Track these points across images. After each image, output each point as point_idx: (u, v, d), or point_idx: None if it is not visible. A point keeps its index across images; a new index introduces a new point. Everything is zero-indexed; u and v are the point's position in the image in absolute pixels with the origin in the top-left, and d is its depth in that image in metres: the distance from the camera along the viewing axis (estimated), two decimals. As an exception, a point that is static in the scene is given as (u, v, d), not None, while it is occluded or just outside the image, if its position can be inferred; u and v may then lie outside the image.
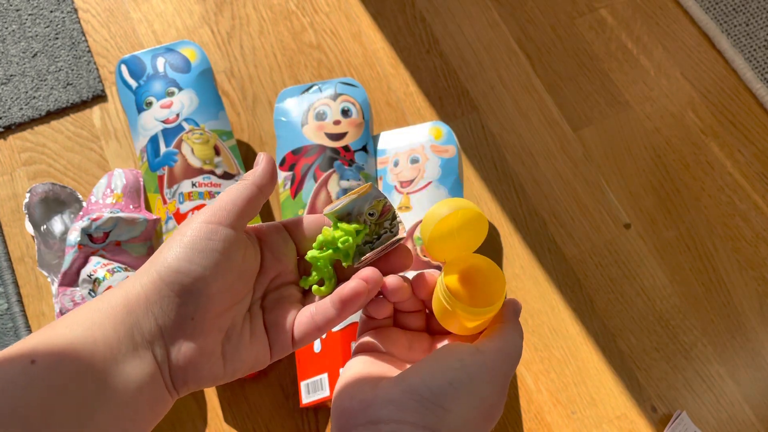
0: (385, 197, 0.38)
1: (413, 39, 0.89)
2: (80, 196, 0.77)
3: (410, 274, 0.39)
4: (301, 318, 0.37)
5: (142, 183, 0.75)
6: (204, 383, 0.35)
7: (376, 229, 0.38)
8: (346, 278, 0.37)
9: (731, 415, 0.72)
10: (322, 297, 0.37)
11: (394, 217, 0.38)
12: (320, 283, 0.38)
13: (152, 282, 0.34)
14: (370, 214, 0.38)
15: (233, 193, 0.36)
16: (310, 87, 0.76)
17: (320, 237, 0.37)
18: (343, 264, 0.38)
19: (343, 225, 0.38)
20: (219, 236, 0.34)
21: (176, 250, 0.34)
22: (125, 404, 0.32)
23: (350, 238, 0.37)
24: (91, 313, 0.33)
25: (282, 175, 0.73)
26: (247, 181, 0.37)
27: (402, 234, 0.38)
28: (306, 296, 0.39)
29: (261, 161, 0.38)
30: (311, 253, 0.37)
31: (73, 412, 0.30)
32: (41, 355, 0.31)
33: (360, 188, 0.38)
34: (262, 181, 0.37)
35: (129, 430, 0.32)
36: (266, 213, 0.79)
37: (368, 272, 0.36)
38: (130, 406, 0.32)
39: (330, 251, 0.37)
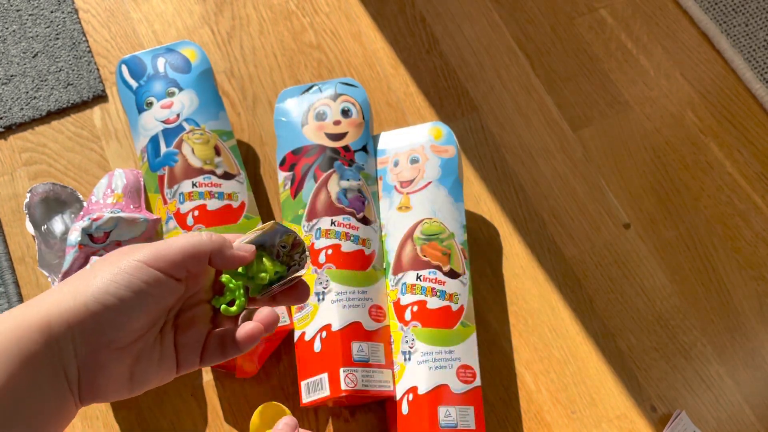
0: (294, 233, 0.40)
1: (413, 39, 0.89)
2: (81, 196, 0.77)
3: None
4: (211, 342, 0.39)
5: (142, 183, 0.75)
6: (107, 400, 0.36)
7: (286, 260, 0.41)
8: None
9: (731, 415, 0.72)
10: (230, 316, 0.40)
11: (304, 250, 0.41)
12: (230, 303, 0.40)
13: (76, 308, 0.33)
14: (282, 246, 0.40)
15: (184, 242, 0.36)
16: (310, 87, 0.76)
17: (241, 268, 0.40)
18: (250, 293, 0.40)
19: (267, 263, 0.40)
20: (149, 277, 0.34)
21: (105, 281, 0.34)
22: (37, 421, 0.32)
23: (267, 276, 0.39)
24: (15, 330, 0.32)
25: (282, 175, 0.73)
26: (216, 237, 0.37)
27: (304, 270, 0.41)
28: (216, 314, 0.40)
29: (243, 239, 0.39)
30: (226, 277, 0.39)
31: None
32: None
33: (265, 225, 0.40)
34: (222, 243, 0.38)
35: None
36: (267, 213, 0.79)
37: (265, 314, 0.39)
38: (41, 421, 0.33)
39: (243, 278, 0.40)
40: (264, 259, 0.40)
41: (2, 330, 0.32)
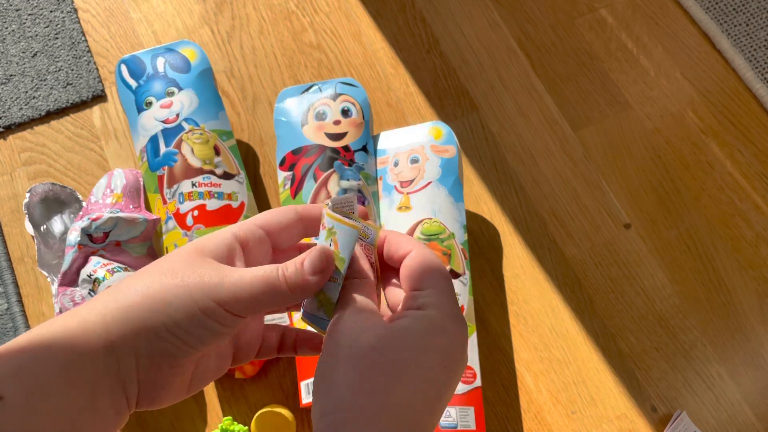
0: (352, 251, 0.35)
1: (413, 39, 0.89)
2: (80, 196, 0.77)
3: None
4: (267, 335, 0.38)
5: (142, 183, 0.75)
6: (162, 407, 0.35)
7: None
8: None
9: (731, 415, 0.72)
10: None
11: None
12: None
13: (146, 334, 0.32)
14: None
15: (261, 287, 0.33)
16: (310, 87, 0.76)
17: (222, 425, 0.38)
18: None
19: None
20: (224, 320, 0.33)
21: (180, 314, 0.32)
22: None
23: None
24: (73, 349, 0.31)
25: (282, 175, 0.73)
26: (291, 276, 0.34)
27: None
28: None
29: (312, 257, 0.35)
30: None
31: None
32: (10, 390, 0.29)
33: (363, 223, 0.35)
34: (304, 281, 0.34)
35: None
36: (266, 213, 0.79)
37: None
38: None
39: None
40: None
41: (59, 346, 0.31)
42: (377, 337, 0.32)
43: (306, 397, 0.66)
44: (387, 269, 0.37)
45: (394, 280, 0.37)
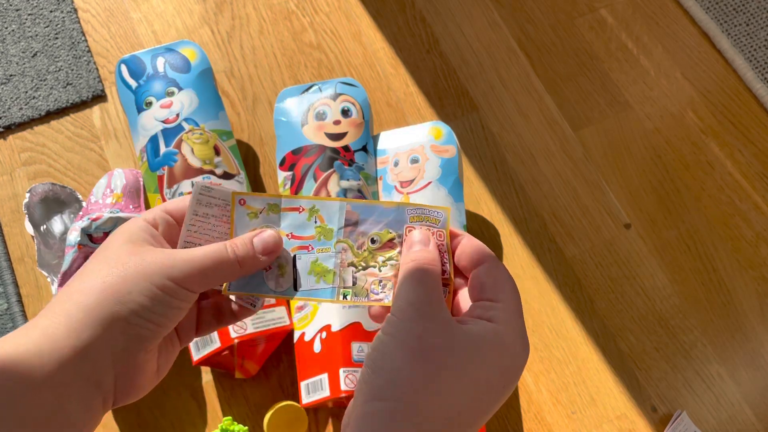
0: (399, 236, 0.36)
1: (413, 39, 0.89)
2: (80, 196, 0.77)
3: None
4: (203, 314, 0.40)
5: (142, 183, 0.75)
6: (138, 397, 0.37)
7: (368, 257, 0.37)
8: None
9: (731, 415, 0.72)
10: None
11: (391, 258, 0.37)
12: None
13: (118, 323, 0.34)
14: (372, 240, 0.37)
15: (212, 261, 0.36)
16: (310, 87, 0.76)
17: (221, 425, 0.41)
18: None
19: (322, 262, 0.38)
20: (182, 296, 0.36)
21: (143, 298, 0.34)
22: None
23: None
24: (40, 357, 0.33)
25: (282, 175, 0.73)
26: (240, 250, 0.37)
27: (384, 302, 0.37)
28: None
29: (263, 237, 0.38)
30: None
31: None
32: None
33: (390, 203, 0.36)
34: (242, 253, 0.37)
35: None
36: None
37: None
38: None
39: None
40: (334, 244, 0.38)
41: (25, 357, 0.32)
42: (446, 337, 0.33)
43: (306, 397, 0.66)
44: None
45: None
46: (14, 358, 0.32)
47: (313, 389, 0.65)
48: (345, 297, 0.37)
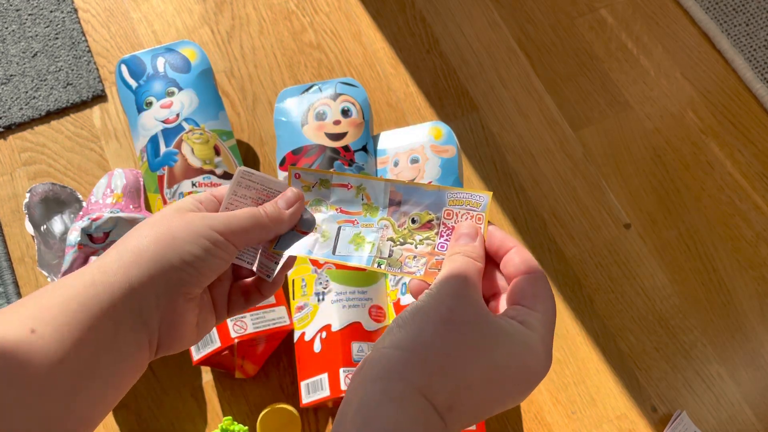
0: (438, 218, 0.39)
1: (413, 39, 0.89)
2: (80, 196, 0.77)
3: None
4: (234, 294, 0.43)
5: (142, 183, 0.75)
6: (180, 349, 0.40)
7: (407, 234, 0.39)
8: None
9: (731, 415, 0.72)
10: (248, 270, 0.44)
11: (428, 237, 0.39)
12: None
13: (162, 264, 0.37)
14: (413, 220, 0.39)
15: (249, 219, 0.40)
16: (310, 87, 0.76)
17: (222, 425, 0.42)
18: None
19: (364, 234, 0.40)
20: (221, 244, 0.39)
21: (187, 242, 0.37)
22: (115, 375, 0.36)
23: None
24: (94, 286, 0.35)
25: (282, 176, 0.73)
26: (273, 214, 0.41)
27: (408, 269, 0.39)
28: (236, 269, 0.44)
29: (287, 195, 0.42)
30: None
31: (69, 383, 0.33)
32: (41, 325, 0.33)
33: (430, 185, 0.38)
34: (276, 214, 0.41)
35: (113, 398, 0.36)
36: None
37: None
38: (118, 377, 0.36)
39: None
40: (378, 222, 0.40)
41: (82, 285, 0.35)
42: (477, 319, 0.34)
43: (306, 397, 0.66)
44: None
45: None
46: (68, 282, 0.36)
47: (313, 389, 0.65)
48: (379, 266, 0.39)
